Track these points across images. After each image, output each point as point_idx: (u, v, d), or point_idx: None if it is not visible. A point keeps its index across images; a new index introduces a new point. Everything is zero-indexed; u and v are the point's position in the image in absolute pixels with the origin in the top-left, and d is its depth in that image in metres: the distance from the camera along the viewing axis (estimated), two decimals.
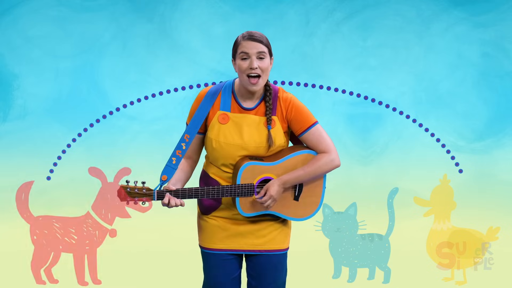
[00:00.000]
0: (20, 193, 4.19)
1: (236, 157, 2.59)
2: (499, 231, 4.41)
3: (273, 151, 2.62)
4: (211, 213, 2.70)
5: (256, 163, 2.56)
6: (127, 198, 2.52)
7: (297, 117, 2.60)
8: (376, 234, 4.34)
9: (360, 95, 5.24)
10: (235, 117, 2.59)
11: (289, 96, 2.63)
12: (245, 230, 2.67)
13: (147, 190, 2.52)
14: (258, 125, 2.59)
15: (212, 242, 2.69)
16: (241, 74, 2.55)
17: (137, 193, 2.51)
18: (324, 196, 2.68)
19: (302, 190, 2.64)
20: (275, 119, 2.60)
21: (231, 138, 2.57)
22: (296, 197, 2.64)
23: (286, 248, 2.75)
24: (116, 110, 4.85)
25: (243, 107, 2.61)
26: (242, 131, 2.58)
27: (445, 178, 4.48)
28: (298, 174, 2.57)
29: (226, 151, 2.58)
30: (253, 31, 2.56)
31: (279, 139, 2.60)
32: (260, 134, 2.58)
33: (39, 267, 4.21)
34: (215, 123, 2.59)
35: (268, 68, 2.55)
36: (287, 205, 2.64)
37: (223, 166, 2.62)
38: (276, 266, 2.72)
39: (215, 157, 2.62)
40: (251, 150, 2.58)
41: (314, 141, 2.60)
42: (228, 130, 2.58)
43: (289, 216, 2.66)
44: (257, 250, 2.68)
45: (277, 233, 2.70)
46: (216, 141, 2.59)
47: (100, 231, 4.21)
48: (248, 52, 2.51)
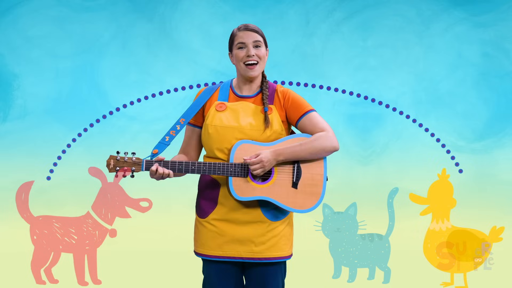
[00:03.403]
0: (20, 193, 4.19)
1: (232, 140, 2.54)
2: (503, 231, 4.24)
3: (270, 138, 2.56)
4: (208, 214, 2.61)
5: (250, 142, 2.52)
6: (116, 167, 2.50)
7: (294, 104, 2.60)
8: (376, 234, 4.33)
9: (360, 95, 5.24)
10: (233, 105, 2.60)
11: (286, 89, 2.65)
12: (243, 237, 2.56)
13: (136, 159, 2.49)
14: (255, 111, 2.58)
15: (209, 248, 2.59)
16: (238, 64, 2.57)
17: (126, 162, 2.49)
18: (325, 188, 2.56)
19: (301, 177, 2.54)
20: (273, 107, 2.60)
21: (227, 122, 2.55)
22: (294, 184, 2.54)
23: (289, 255, 2.64)
24: (116, 110, 4.85)
25: (241, 96, 2.62)
26: (238, 116, 2.57)
27: (444, 173, 4.27)
28: (293, 149, 2.51)
29: (221, 134, 2.55)
30: (248, 23, 2.60)
31: (276, 125, 2.57)
32: (256, 118, 2.56)
33: (39, 267, 4.21)
34: (212, 111, 2.59)
35: (264, 57, 2.58)
36: (285, 193, 2.52)
37: (218, 151, 2.56)
38: (276, 273, 2.61)
39: (211, 144, 2.57)
40: (247, 133, 2.54)
41: (310, 126, 2.57)
42: (224, 115, 2.57)
43: (288, 206, 2.53)
44: (256, 258, 2.56)
45: (278, 239, 2.58)
46: (211, 125, 2.56)
47: (100, 231, 4.21)
48: (245, 41, 2.55)
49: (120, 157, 2.50)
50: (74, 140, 4.81)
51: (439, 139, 5.01)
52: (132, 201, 4.21)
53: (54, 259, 4.23)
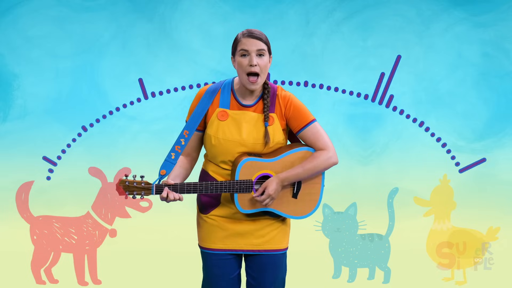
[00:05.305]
0: (20, 193, 4.20)
1: (235, 153, 2.60)
2: (499, 231, 4.42)
3: (272, 148, 2.63)
4: (209, 211, 2.70)
5: (254, 159, 2.57)
6: (126, 192, 2.52)
7: (295, 114, 2.62)
8: (376, 234, 4.34)
9: (360, 95, 5.24)
10: (234, 114, 2.61)
11: (287, 94, 2.65)
12: (244, 230, 2.67)
13: (146, 184, 2.52)
14: (256, 122, 2.60)
15: (211, 242, 2.69)
16: (240, 72, 2.57)
17: (136, 187, 2.51)
18: (322, 194, 2.68)
19: (301, 188, 2.64)
20: (274, 116, 2.62)
21: (230, 135, 2.59)
22: (294, 195, 2.64)
23: (286, 247, 2.75)
24: (116, 110, 4.85)
25: (242, 104, 2.62)
26: (240, 128, 2.59)
27: (445, 178, 4.49)
28: (296, 172, 2.58)
29: (224, 147, 2.59)
30: (253, 29, 2.58)
31: (277, 136, 2.62)
32: (258, 130, 2.60)
33: (39, 267, 4.21)
34: (214, 120, 2.61)
35: (266, 66, 2.57)
36: (285, 203, 2.64)
37: (222, 163, 2.63)
38: (275, 265, 2.72)
39: (214, 154, 2.63)
40: (249, 147, 2.59)
41: (312, 138, 2.62)
42: (227, 126, 2.60)
43: (288, 214, 2.66)
44: (256, 250, 2.69)
45: (276, 233, 2.70)
46: (215, 137, 2.60)
47: (100, 231, 4.21)
48: (248, 49, 2.53)
49: (129, 181, 2.52)
50: (74, 140, 4.81)
51: (439, 139, 5.01)
52: (132, 201, 4.21)
53: (54, 259, 4.24)
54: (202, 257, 2.75)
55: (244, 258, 2.75)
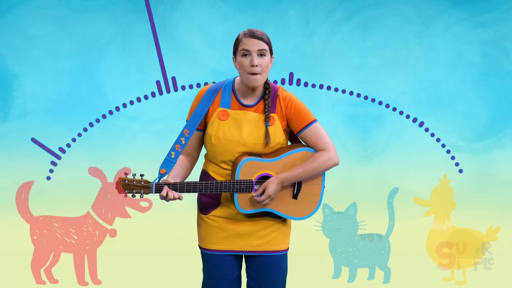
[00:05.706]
0: (20, 193, 4.20)
1: (235, 153, 2.60)
2: (499, 231, 4.42)
3: (272, 149, 2.63)
4: (210, 212, 2.69)
5: (255, 159, 2.56)
6: (126, 190, 2.52)
7: (296, 114, 2.62)
8: (376, 234, 4.34)
9: (360, 95, 5.24)
10: (235, 114, 2.60)
11: (288, 95, 2.65)
12: (244, 231, 2.66)
13: (145, 183, 2.52)
14: (257, 122, 2.60)
15: (211, 242, 2.68)
16: (241, 71, 2.57)
17: (135, 185, 2.51)
18: (323, 195, 2.67)
19: (301, 189, 2.64)
20: (275, 116, 2.61)
21: (230, 134, 2.59)
22: (294, 196, 2.64)
23: (286, 248, 2.75)
24: (116, 110, 4.85)
25: (243, 104, 2.62)
26: (241, 128, 2.59)
27: (445, 178, 4.49)
28: (297, 173, 2.58)
29: (225, 147, 2.59)
30: (255, 29, 2.57)
31: (278, 136, 2.61)
32: (258, 130, 2.59)
33: (39, 267, 4.21)
34: (215, 120, 2.61)
35: (268, 66, 2.56)
36: (285, 204, 2.64)
37: (222, 163, 2.63)
38: (276, 266, 2.71)
39: (214, 153, 2.63)
40: (249, 147, 2.59)
41: (312, 138, 2.61)
42: (227, 126, 2.59)
43: (288, 215, 2.66)
44: (256, 251, 2.68)
45: (277, 234, 2.70)
46: (215, 137, 2.60)
47: (100, 231, 4.21)
48: (249, 49, 2.53)
49: (129, 180, 2.51)
50: (74, 140, 4.81)
51: (439, 139, 5.01)
52: (132, 201, 4.21)
53: (54, 259, 4.24)
54: (202, 258, 2.74)
55: (245, 259, 2.75)
